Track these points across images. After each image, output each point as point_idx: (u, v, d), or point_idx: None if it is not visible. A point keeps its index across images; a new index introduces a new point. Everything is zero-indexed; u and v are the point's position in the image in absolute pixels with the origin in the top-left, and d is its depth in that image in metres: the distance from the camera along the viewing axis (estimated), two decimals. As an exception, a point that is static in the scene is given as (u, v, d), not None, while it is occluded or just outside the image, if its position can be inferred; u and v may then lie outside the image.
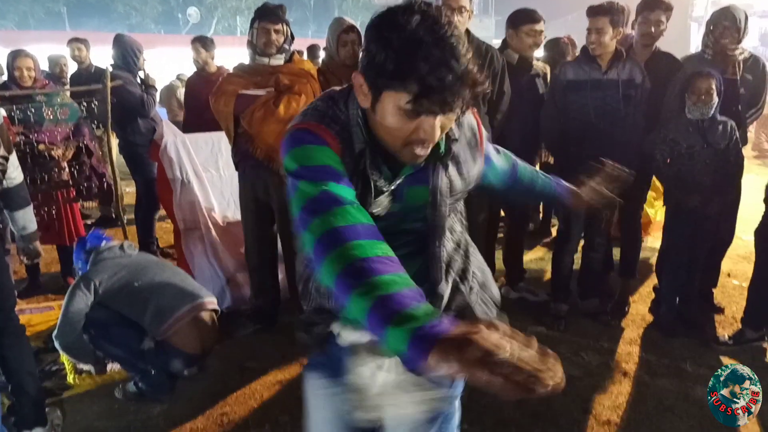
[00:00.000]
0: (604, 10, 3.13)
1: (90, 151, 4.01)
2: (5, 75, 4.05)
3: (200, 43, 4.72)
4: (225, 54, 7.96)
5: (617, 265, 3.86)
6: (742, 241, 4.20)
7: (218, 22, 29.10)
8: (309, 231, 1.05)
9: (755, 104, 3.45)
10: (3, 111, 3.51)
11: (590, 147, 3.11)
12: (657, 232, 4.40)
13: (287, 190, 1.15)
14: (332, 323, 1.28)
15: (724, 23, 3.29)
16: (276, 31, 3.06)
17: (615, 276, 3.86)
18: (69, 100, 3.99)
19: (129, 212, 4.95)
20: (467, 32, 3.06)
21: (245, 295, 3.65)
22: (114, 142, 4.76)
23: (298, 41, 3.64)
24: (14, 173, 2.49)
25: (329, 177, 1.09)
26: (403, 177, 1.22)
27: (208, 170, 3.90)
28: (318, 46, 6.85)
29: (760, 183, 3.20)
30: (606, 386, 2.87)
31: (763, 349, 3.17)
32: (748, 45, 4.06)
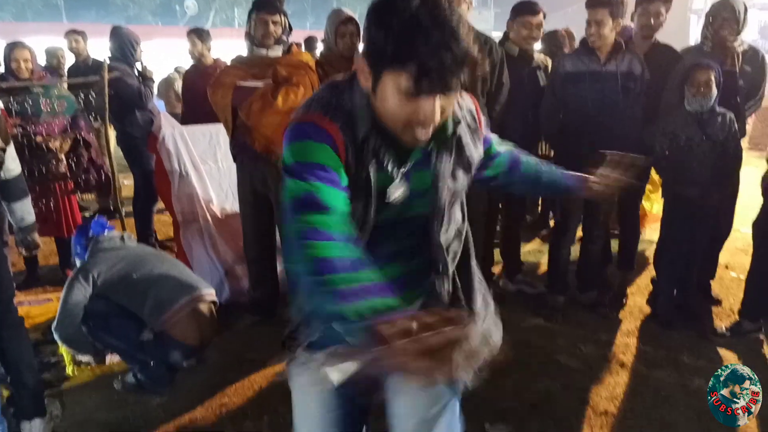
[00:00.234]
0: (604, 2, 3.10)
1: (88, 143, 4.00)
2: (2, 67, 4.03)
3: (196, 35, 4.71)
4: (223, 46, 7.94)
5: (615, 258, 3.87)
6: (740, 234, 4.21)
7: (216, 14, 29.01)
8: (289, 226, 1.08)
9: (754, 96, 3.46)
10: (0, 102, 3.50)
11: (589, 139, 3.10)
12: (653, 224, 4.41)
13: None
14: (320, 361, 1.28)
15: (724, 15, 3.29)
16: (274, 23, 3.05)
17: (613, 268, 3.87)
18: (66, 93, 3.96)
19: (127, 205, 4.94)
20: (466, 24, 3.04)
21: (244, 288, 3.64)
22: (112, 135, 4.75)
23: (296, 33, 3.63)
24: (12, 164, 2.48)
25: (321, 178, 1.10)
26: (413, 161, 1.22)
27: (207, 162, 3.89)
28: (315, 38, 6.84)
29: (758, 175, 3.21)
30: (603, 377, 2.88)
31: (761, 341, 3.18)
32: (748, 38, 4.06)
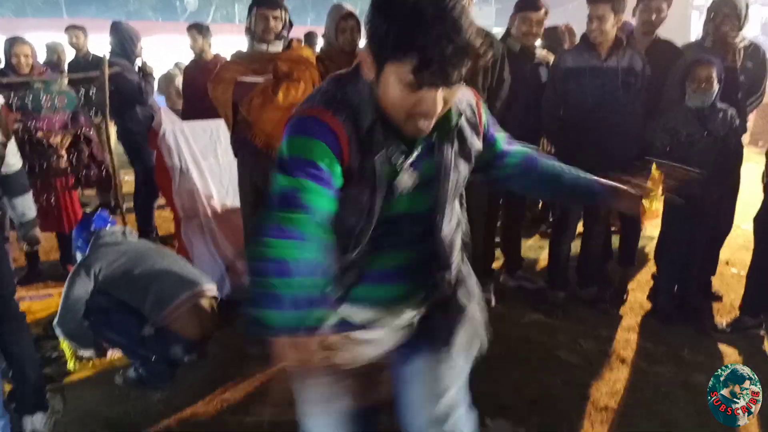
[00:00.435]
0: None
1: (88, 139, 3.99)
2: (2, 62, 4.03)
3: (196, 31, 4.70)
4: (223, 42, 7.91)
5: (616, 253, 3.87)
6: (741, 230, 4.20)
7: (216, 10, 28.96)
8: (264, 216, 1.10)
9: (755, 92, 3.45)
10: (1, 98, 3.50)
11: (589, 135, 3.10)
12: (653, 221, 4.40)
13: None
14: None
15: (725, 11, 3.28)
16: (274, 18, 3.04)
17: (614, 264, 3.87)
18: (67, 88, 3.96)
19: (128, 200, 4.94)
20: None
21: (245, 283, 3.65)
22: (112, 130, 4.75)
23: (297, 29, 3.61)
24: (13, 159, 2.48)
25: (310, 176, 1.10)
26: (418, 151, 1.22)
27: (207, 158, 3.88)
28: (315, 34, 6.80)
29: (759, 171, 3.21)
30: (604, 373, 2.89)
31: (761, 337, 3.19)
32: (750, 34, 4.05)
